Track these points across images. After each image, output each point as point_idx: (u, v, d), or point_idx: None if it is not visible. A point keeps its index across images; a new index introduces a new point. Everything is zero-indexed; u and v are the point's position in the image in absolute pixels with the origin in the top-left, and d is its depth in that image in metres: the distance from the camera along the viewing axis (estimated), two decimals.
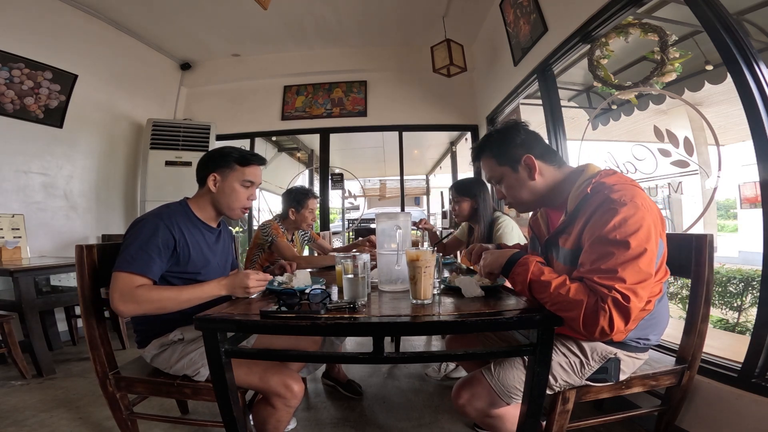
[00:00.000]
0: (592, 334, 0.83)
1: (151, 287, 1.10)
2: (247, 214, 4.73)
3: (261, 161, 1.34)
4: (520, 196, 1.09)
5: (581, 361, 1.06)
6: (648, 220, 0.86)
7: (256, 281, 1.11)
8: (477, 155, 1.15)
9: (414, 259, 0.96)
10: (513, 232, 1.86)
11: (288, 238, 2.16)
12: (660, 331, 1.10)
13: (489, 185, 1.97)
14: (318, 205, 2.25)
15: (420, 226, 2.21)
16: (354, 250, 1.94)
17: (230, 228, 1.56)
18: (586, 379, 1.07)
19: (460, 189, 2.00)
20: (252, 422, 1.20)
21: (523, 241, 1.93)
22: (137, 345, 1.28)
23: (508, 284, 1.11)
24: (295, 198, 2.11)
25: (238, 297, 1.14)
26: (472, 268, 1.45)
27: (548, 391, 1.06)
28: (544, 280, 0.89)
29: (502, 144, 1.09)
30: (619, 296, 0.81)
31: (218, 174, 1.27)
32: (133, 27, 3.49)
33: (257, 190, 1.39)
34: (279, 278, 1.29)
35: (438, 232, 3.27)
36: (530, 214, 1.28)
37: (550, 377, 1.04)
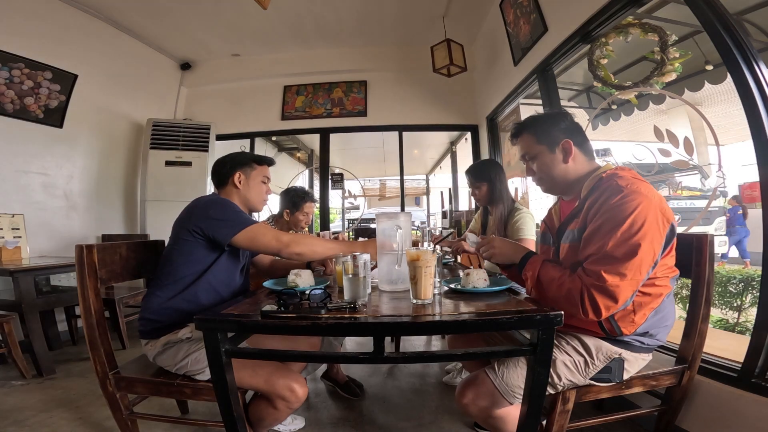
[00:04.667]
0: (587, 315, 0.92)
1: (295, 234, 1.33)
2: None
3: (271, 162, 1.52)
4: (550, 174, 1.13)
5: (586, 361, 1.06)
6: (653, 207, 0.92)
7: None
8: (518, 132, 1.19)
9: (414, 259, 0.96)
10: (531, 225, 1.84)
11: None
12: (668, 326, 1.10)
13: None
14: (314, 209, 2.23)
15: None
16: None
17: None
18: (590, 379, 1.07)
19: (476, 173, 1.96)
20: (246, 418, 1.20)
21: (532, 235, 1.89)
22: (140, 335, 1.25)
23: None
24: (292, 200, 2.09)
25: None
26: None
27: (552, 391, 1.06)
28: (553, 274, 0.99)
29: (545, 124, 1.14)
30: (594, 280, 0.90)
31: (242, 173, 1.41)
32: (134, 27, 3.49)
33: None
34: (290, 277, 1.28)
35: (439, 232, 3.26)
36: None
37: (555, 376, 1.04)
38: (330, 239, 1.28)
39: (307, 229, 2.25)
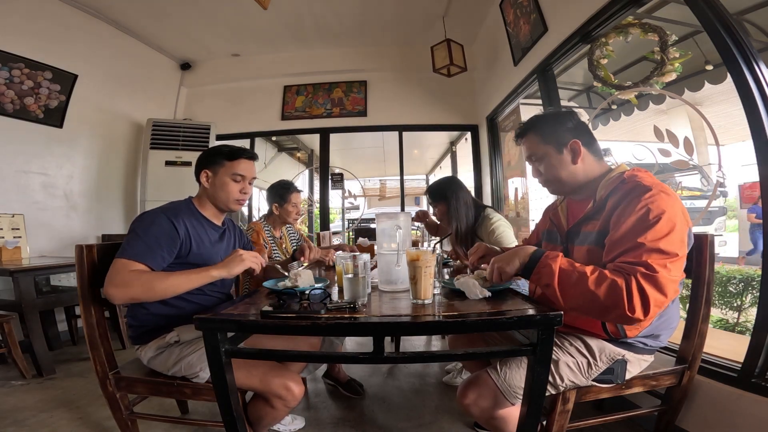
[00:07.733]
0: (633, 312, 0.81)
1: (143, 272, 1.07)
2: (247, 214, 4.76)
3: (250, 156, 1.35)
4: (558, 176, 1.09)
5: (589, 362, 1.05)
6: (677, 206, 0.89)
7: (248, 252, 1.15)
8: (523, 132, 1.15)
9: (414, 258, 0.96)
10: (510, 234, 1.80)
11: (276, 234, 2.15)
12: (672, 328, 1.10)
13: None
14: (301, 199, 2.24)
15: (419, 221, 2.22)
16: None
17: (242, 230, 1.55)
18: (592, 380, 1.07)
19: (433, 194, 1.96)
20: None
21: (514, 242, 1.82)
22: (131, 341, 1.27)
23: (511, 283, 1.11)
24: (277, 193, 2.10)
25: (237, 274, 1.16)
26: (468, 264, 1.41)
27: (553, 391, 1.06)
28: (584, 268, 0.86)
29: (551, 124, 1.10)
30: (644, 269, 0.81)
31: (209, 170, 1.31)
32: (133, 27, 3.49)
33: (255, 188, 1.39)
34: (287, 274, 1.26)
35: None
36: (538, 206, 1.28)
37: (557, 377, 1.04)
38: (176, 272, 1.11)
39: (301, 220, 2.24)
